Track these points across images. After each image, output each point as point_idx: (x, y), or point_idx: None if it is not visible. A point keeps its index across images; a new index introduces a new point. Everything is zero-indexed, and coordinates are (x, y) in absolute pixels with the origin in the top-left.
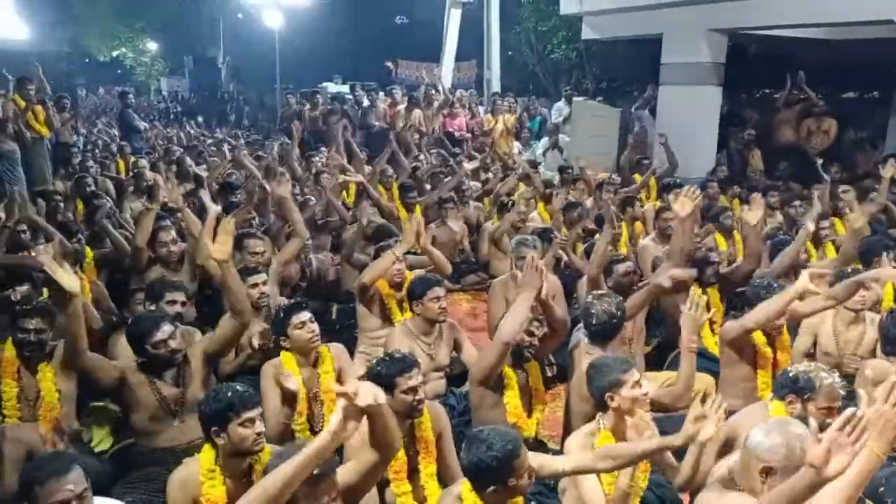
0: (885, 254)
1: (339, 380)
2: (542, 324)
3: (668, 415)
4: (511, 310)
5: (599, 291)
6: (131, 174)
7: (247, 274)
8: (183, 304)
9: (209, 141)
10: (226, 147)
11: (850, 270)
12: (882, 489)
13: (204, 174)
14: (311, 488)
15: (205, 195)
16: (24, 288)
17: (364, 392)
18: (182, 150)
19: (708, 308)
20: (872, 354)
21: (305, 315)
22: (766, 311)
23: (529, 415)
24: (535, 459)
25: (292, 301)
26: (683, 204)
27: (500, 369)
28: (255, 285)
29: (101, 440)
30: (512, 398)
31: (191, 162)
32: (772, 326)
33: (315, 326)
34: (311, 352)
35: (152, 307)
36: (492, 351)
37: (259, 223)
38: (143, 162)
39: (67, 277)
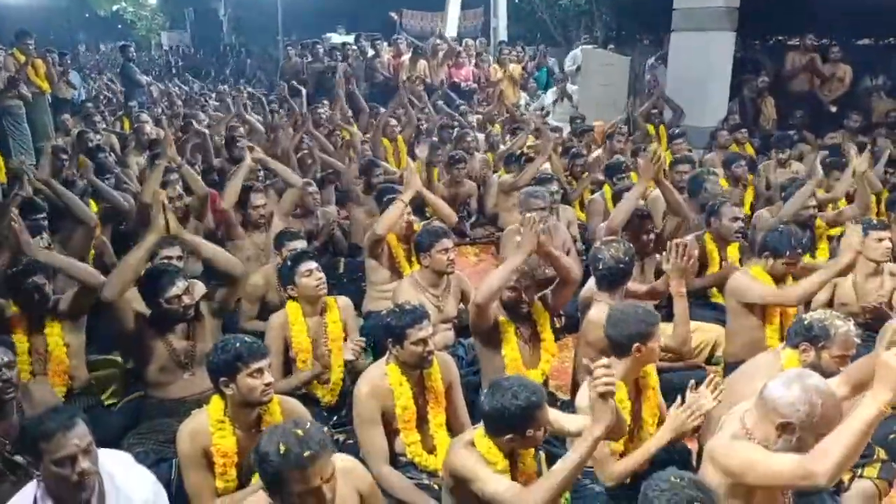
0: None
1: (347, 333)
2: (525, 276)
3: (671, 367)
4: (492, 273)
5: (609, 238)
6: (132, 129)
7: (286, 238)
8: (179, 258)
9: (212, 95)
10: (229, 100)
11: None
12: (893, 436)
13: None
14: (301, 471)
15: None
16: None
17: None
18: (183, 104)
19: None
20: (889, 305)
21: (312, 264)
22: (810, 288)
23: (535, 365)
24: (550, 415)
25: (299, 250)
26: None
27: (494, 320)
28: (294, 251)
29: (111, 392)
30: (509, 351)
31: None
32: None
33: (321, 275)
34: (318, 300)
35: (147, 265)
36: (470, 310)
37: (265, 176)
38: (145, 116)
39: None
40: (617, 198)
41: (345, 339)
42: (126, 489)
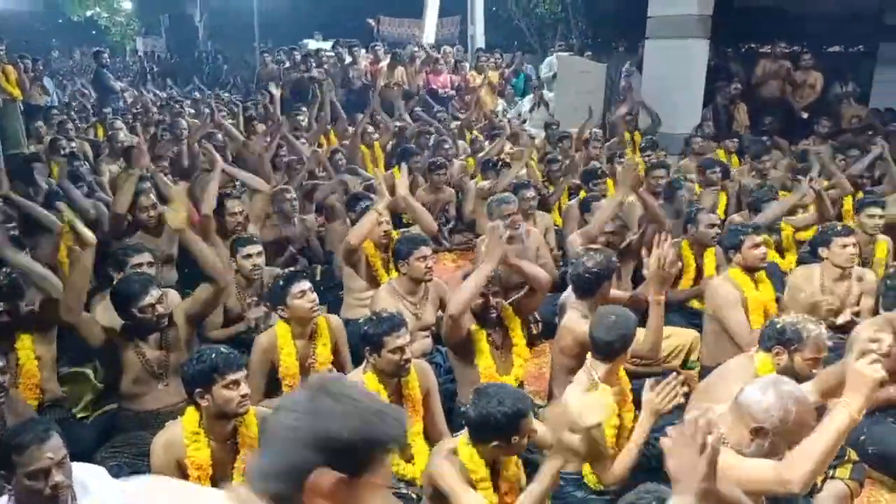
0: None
1: (336, 356)
2: (493, 283)
3: (648, 372)
4: (464, 283)
5: (591, 246)
6: (106, 137)
7: (240, 244)
8: (150, 264)
9: (187, 102)
10: (205, 108)
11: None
12: (863, 438)
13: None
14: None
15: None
16: None
17: None
18: (159, 110)
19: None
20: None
21: (305, 284)
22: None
23: (507, 371)
24: (539, 428)
25: (292, 270)
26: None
27: (464, 332)
28: (249, 256)
29: (83, 407)
30: (482, 360)
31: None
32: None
33: (315, 297)
34: (310, 322)
35: (119, 275)
36: (444, 322)
37: (241, 184)
38: (119, 123)
39: (85, 229)
40: (586, 206)
41: (337, 363)
42: (100, 503)
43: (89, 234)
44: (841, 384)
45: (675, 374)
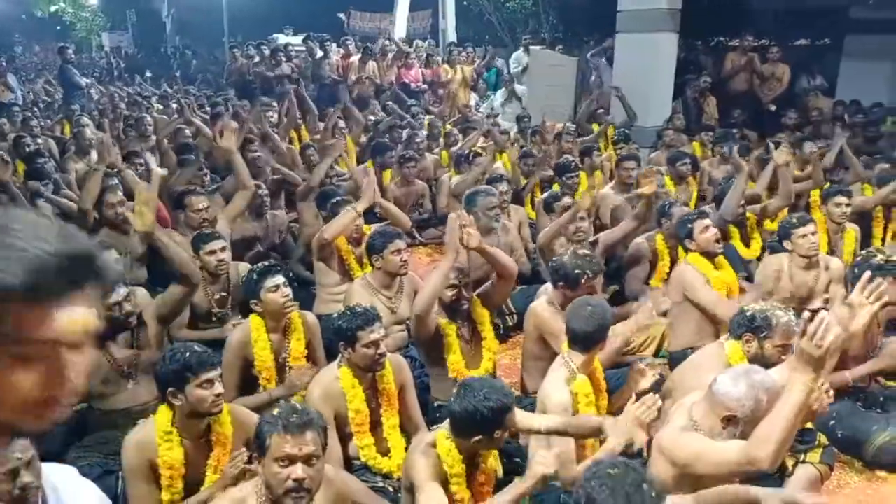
0: None
1: (310, 353)
2: (462, 274)
3: (620, 362)
4: (427, 279)
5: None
6: (72, 134)
7: (202, 240)
8: (115, 261)
9: (155, 98)
10: (173, 104)
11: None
12: (833, 422)
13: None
14: (290, 434)
15: (149, 158)
16: None
17: None
18: (126, 107)
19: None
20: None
21: (279, 279)
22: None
23: (476, 364)
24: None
25: (266, 264)
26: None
27: (433, 329)
28: (213, 252)
29: None
30: (450, 354)
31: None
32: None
33: (289, 291)
34: (284, 317)
35: None
36: (412, 321)
37: (211, 180)
38: (85, 120)
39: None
40: (548, 206)
41: (310, 360)
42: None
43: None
44: None
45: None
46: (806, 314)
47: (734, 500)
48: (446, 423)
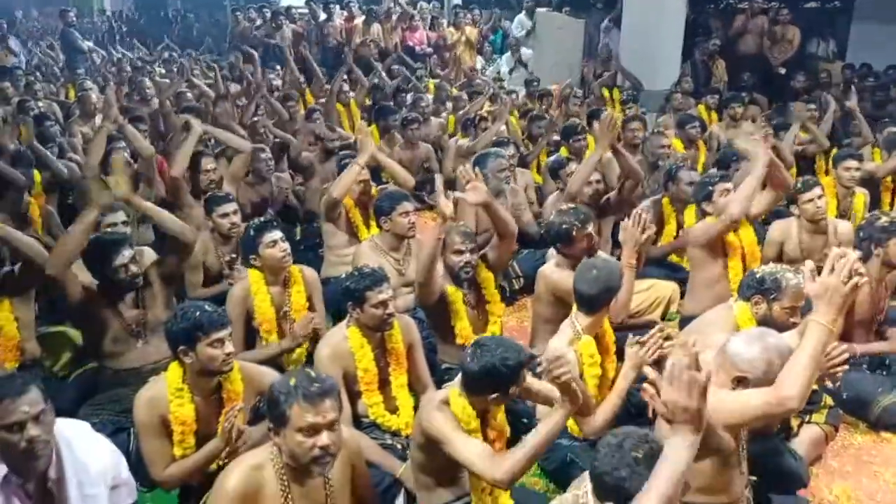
0: None
1: (311, 307)
2: (470, 240)
3: (632, 325)
4: (421, 251)
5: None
6: (77, 98)
7: (215, 203)
8: (124, 223)
9: (157, 62)
10: (175, 68)
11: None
12: (838, 384)
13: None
14: (311, 404)
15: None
16: None
17: None
18: (131, 70)
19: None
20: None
21: (276, 234)
22: (747, 191)
23: (483, 329)
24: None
25: (262, 219)
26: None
27: (437, 295)
28: (226, 214)
29: (63, 365)
30: (457, 321)
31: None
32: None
33: (286, 245)
34: (282, 271)
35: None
36: (416, 288)
37: (214, 144)
38: (89, 84)
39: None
40: (553, 173)
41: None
42: (84, 458)
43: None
44: None
45: (658, 327)
46: (809, 264)
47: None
48: (457, 381)
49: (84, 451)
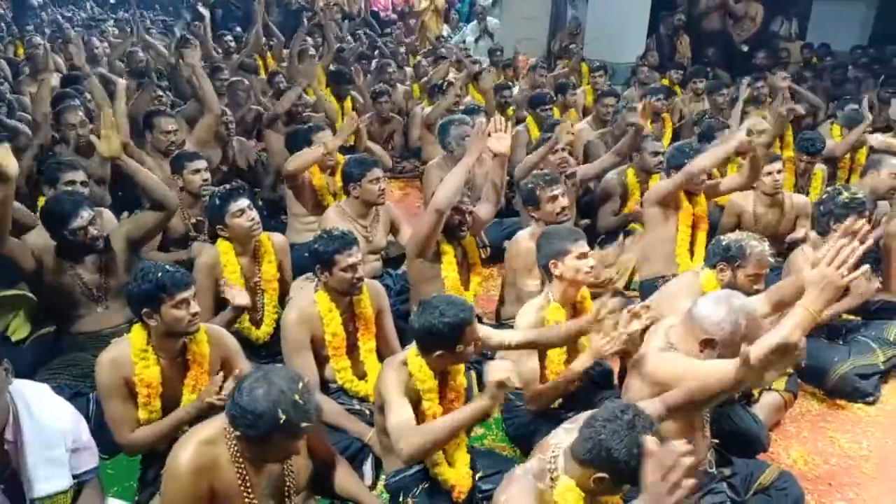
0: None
1: (281, 273)
2: (471, 200)
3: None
4: (446, 178)
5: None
6: (25, 55)
7: (186, 159)
8: (83, 183)
9: (110, 21)
10: (128, 28)
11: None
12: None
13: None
14: (293, 437)
15: (110, 75)
16: None
17: None
18: (81, 29)
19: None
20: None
21: (244, 202)
22: (711, 159)
23: (467, 287)
24: (483, 331)
25: (230, 187)
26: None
27: (436, 241)
28: (197, 171)
29: (17, 328)
30: (450, 271)
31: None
32: (694, 185)
33: (255, 214)
34: (251, 241)
35: (50, 192)
36: (426, 220)
37: (170, 104)
38: (38, 40)
39: (9, 158)
40: None
41: (282, 280)
42: (43, 419)
43: (12, 166)
44: (794, 297)
45: (626, 310)
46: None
47: (700, 392)
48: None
49: (43, 412)
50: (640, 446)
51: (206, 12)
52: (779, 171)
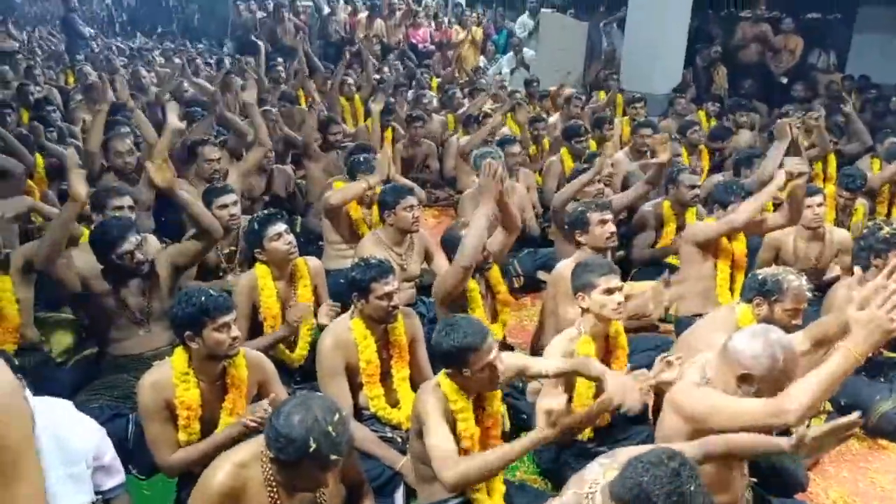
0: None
1: (315, 297)
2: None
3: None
4: (468, 231)
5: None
6: (81, 85)
7: (214, 194)
8: (130, 208)
9: (157, 52)
10: (176, 59)
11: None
12: (836, 390)
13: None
14: (323, 467)
15: (171, 108)
16: None
17: None
18: (127, 60)
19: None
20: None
21: (281, 226)
22: (753, 207)
23: (494, 319)
24: (521, 360)
25: (267, 212)
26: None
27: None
28: (225, 206)
29: (63, 351)
30: (475, 308)
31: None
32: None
33: (291, 238)
34: (288, 264)
35: (98, 217)
36: (452, 275)
37: (215, 135)
38: (89, 69)
39: (81, 184)
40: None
41: (317, 304)
42: (66, 436)
43: (80, 190)
44: (835, 334)
45: (659, 359)
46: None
47: (739, 448)
48: None
49: (65, 429)
50: (680, 496)
51: (262, 45)
52: (819, 205)
